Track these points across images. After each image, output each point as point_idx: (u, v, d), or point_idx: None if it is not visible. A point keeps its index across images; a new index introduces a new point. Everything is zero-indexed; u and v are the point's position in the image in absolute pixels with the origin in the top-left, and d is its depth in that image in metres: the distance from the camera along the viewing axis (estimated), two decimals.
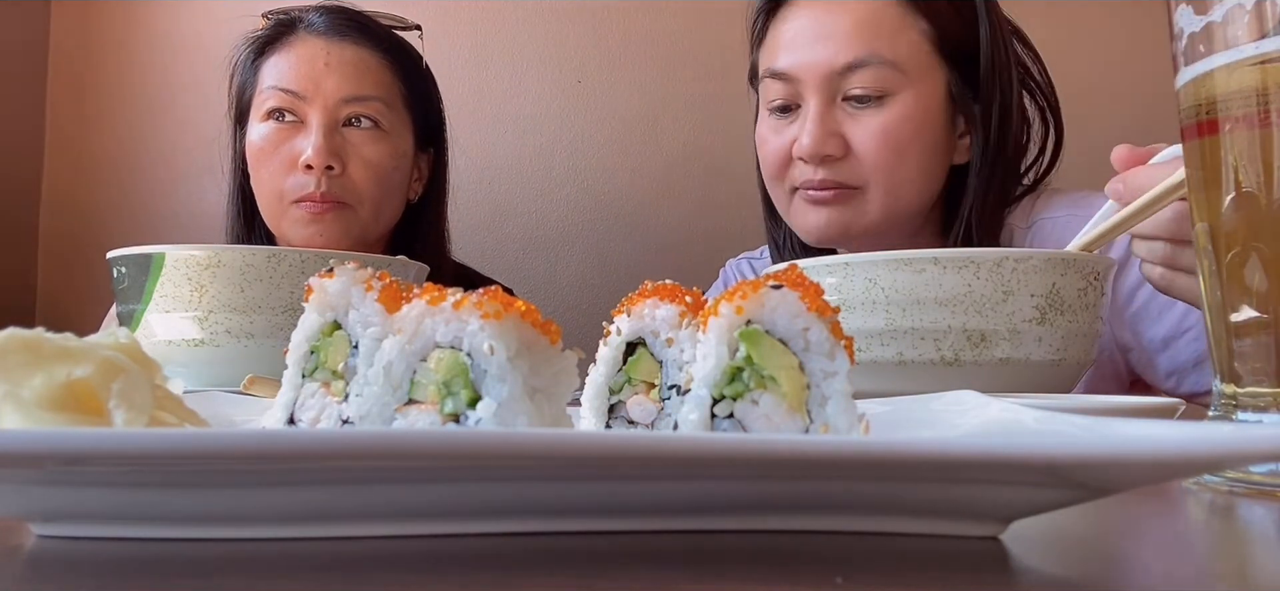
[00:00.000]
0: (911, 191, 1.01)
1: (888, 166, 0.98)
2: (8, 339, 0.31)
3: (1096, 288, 0.70)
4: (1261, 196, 0.38)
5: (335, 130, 1.17)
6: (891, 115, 0.97)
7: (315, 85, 1.16)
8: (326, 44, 1.18)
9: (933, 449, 0.25)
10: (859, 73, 0.96)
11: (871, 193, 0.99)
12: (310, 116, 1.16)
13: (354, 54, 1.19)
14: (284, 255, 0.77)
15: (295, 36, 1.20)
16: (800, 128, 0.99)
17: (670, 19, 1.85)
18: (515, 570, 0.25)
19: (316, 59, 1.17)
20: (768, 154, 1.05)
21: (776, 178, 1.05)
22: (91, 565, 0.26)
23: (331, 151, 1.15)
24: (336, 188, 1.16)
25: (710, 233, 1.81)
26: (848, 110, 0.98)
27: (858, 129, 0.98)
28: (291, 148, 1.16)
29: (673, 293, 0.41)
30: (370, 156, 1.18)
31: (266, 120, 1.18)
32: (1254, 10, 0.38)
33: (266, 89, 1.18)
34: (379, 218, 1.22)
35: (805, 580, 0.24)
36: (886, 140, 0.97)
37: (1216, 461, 0.30)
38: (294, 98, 1.16)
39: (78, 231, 1.92)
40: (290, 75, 1.17)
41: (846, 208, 1.00)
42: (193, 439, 0.24)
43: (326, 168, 1.14)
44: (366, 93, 1.19)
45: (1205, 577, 0.28)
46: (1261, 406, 0.39)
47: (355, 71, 1.18)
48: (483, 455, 0.24)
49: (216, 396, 0.50)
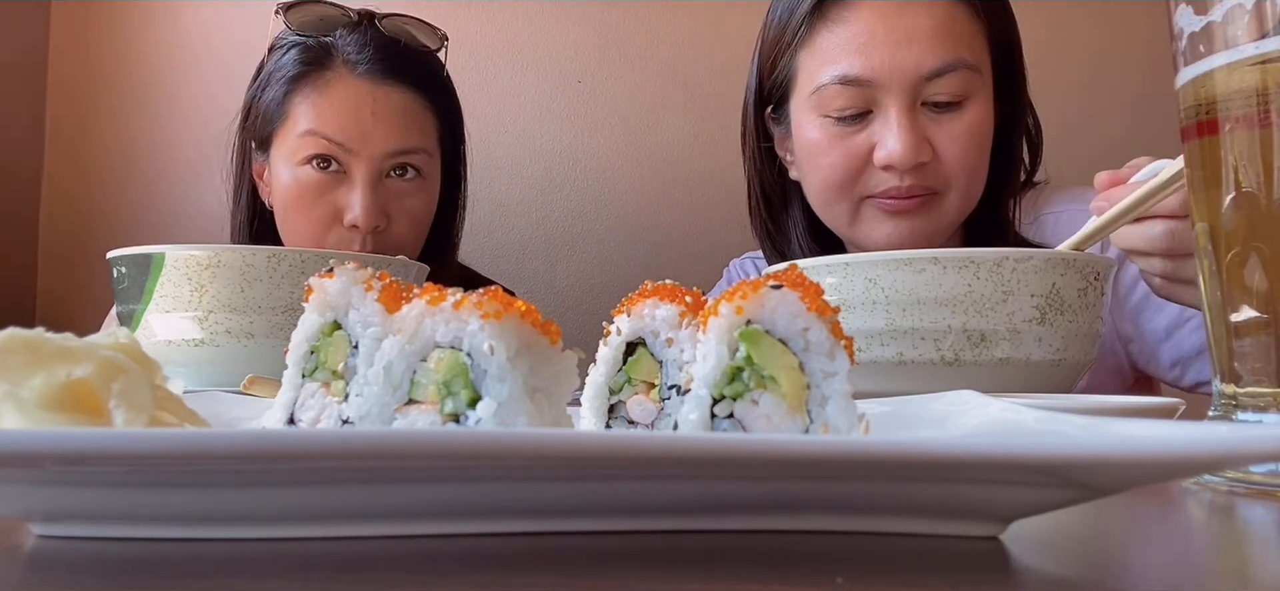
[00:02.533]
0: (979, 191, 1.00)
1: (970, 169, 0.97)
2: (8, 339, 0.31)
3: (1096, 288, 0.70)
4: (1261, 196, 0.38)
5: (380, 182, 1.12)
6: (972, 118, 0.96)
7: (362, 137, 1.09)
8: (372, 89, 1.11)
9: (933, 449, 0.25)
10: (946, 78, 0.94)
11: (950, 196, 0.97)
12: (355, 170, 1.10)
13: (400, 101, 1.13)
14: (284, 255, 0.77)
15: (334, 74, 1.12)
16: (883, 133, 0.94)
17: (670, 19, 1.85)
18: (515, 570, 0.25)
19: (362, 107, 1.10)
20: (831, 164, 0.98)
21: (842, 188, 0.99)
22: (91, 565, 0.26)
23: (379, 209, 1.10)
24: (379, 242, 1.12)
25: (710, 233, 1.81)
26: (929, 114, 0.95)
27: (941, 133, 0.95)
28: (333, 200, 1.10)
29: (673, 293, 0.41)
30: (413, 208, 1.15)
31: (304, 164, 1.10)
32: (1254, 10, 0.38)
33: (305, 132, 1.10)
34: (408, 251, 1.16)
35: (805, 580, 0.24)
36: (971, 143, 0.96)
37: (1216, 461, 0.30)
38: (339, 148, 1.09)
39: (78, 231, 1.92)
40: (334, 123, 1.09)
41: (928, 215, 0.98)
42: (193, 439, 0.24)
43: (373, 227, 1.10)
44: (412, 145, 1.13)
45: (1205, 577, 0.28)
46: (1261, 406, 0.39)
47: (402, 121, 1.12)
48: (483, 455, 0.24)
49: (216, 396, 0.50)
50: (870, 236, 1.00)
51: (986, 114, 0.97)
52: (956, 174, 0.96)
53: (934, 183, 0.96)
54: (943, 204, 0.98)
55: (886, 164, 0.95)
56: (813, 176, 1.02)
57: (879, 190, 0.97)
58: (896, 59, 0.93)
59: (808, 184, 1.04)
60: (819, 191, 1.02)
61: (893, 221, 0.98)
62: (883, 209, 0.98)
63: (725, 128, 1.83)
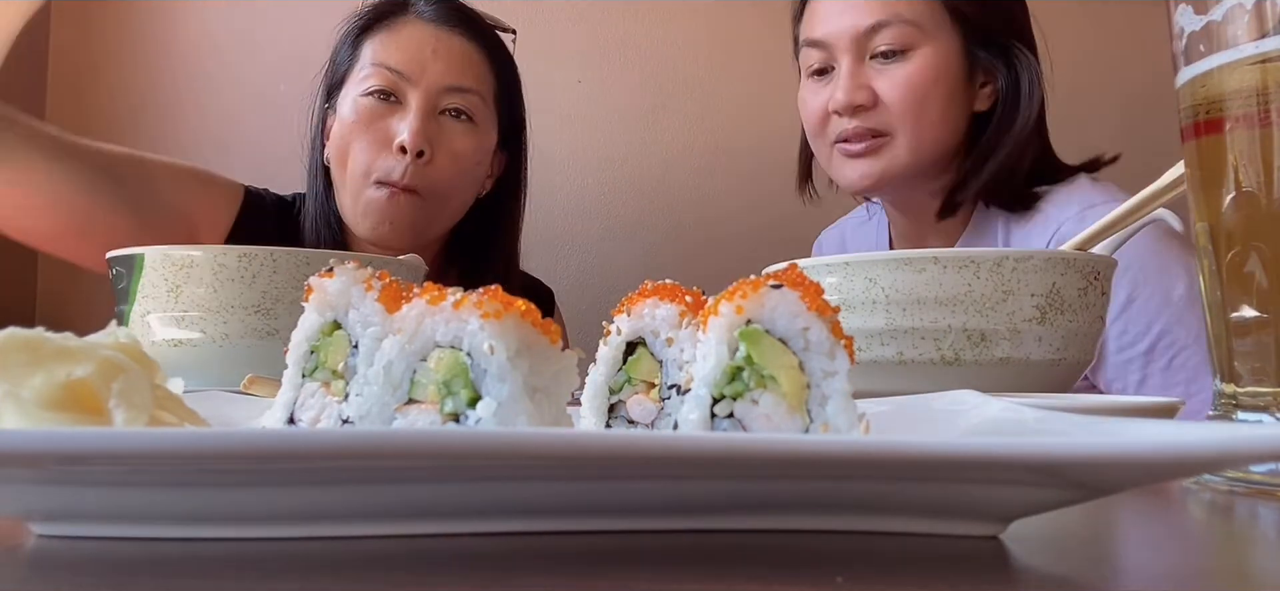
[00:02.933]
0: (934, 135, 1.13)
1: (913, 112, 1.11)
2: (8, 339, 0.31)
3: (1097, 287, 0.70)
4: (1261, 196, 0.38)
5: (433, 116, 1.19)
6: (913, 67, 1.11)
7: (421, 68, 1.18)
8: (435, 31, 1.21)
9: (933, 449, 0.25)
10: (883, 31, 1.11)
11: (899, 139, 1.12)
12: (411, 98, 1.18)
13: (460, 45, 1.22)
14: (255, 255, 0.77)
15: (404, 19, 1.22)
16: (835, 85, 1.13)
17: (670, 19, 1.85)
18: (515, 570, 0.25)
19: (425, 44, 1.20)
20: (808, 114, 1.19)
21: (817, 134, 1.19)
22: (91, 565, 0.26)
23: (427, 137, 1.17)
24: (420, 178, 1.17)
25: (709, 232, 1.81)
26: (875, 67, 1.12)
27: (884, 81, 1.11)
28: (386, 126, 1.17)
29: (672, 292, 0.41)
30: (460, 148, 1.21)
31: (366, 96, 1.19)
32: (1254, 10, 0.38)
33: (369, 65, 1.20)
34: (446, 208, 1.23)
35: (805, 580, 0.24)
36: (910, 89, 1.11)
37: (1216, 461, 0.30)
38: (398, 78, 1.18)
39: None
40: (397, 55, 1.19)
41: (878, 157, 1.13)
42: (193, 439, 0.24)
43: (418, 154, 1.16)
44: (467, 84, 1.21)
45: (1205, 577, 0.28)
46: (1261, 406, 0.39)
47: (460, 61, 1.21)
48: (483, 455, 0.24)
49: (216, 396, 0.50)
50: (840, 176, 1.19)
51: (932, 63, 1.11)
52: (898, 117, 1.12)
53: (878, 125, 1.12)
54: (892, 146, 1.13)
55: (833, 108, 1.14)
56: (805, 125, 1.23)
57: (836, 135, 1.15)
58: (841, 21, 1.13)
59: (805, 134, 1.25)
60: (808, 136, 1.23)
61: (851, 163, 1.15)
62: (843, 153, 1.16)
63: (725, 127, 1.83)
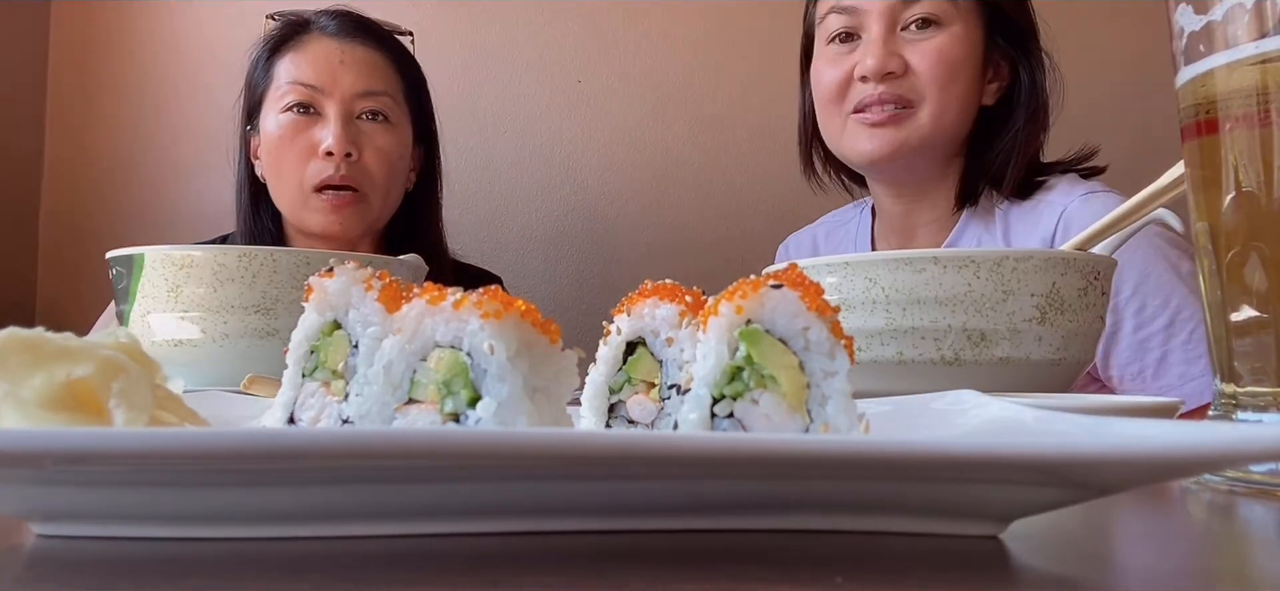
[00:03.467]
0: (954, 112, 1.14)
1: (941, 83, 1.12)
2: (8, 339, 0.31)
3: (1097, 287, 0.70)
4: (1261, 196, 0.38)
5: (351, 121, 1.29)
6: (945, 39, 1.12)
7: (333, 80, 1.28)
8: (340, 44, 1.31)
9: (933, 449, 0.25)
10: (919, 3, 1.12)
11: (923, 110, 1.12)
12: (328, 108, 1.28)
13: (365, 54, 1.32)
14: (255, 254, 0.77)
15: (309, 37, 1.32)
16: (863, 52, 1.13)
17: (670, 19, 1.85)
18: (515, 570, 0.25)
19: (332, 57, 1.30)
20: (826, 82, 1.17)
21: (833, 103, 1.17)
22: (91, 565, 0.26)
23: (350, 139, 1.27)
24: (354, 173, 1.27)
25: (709, 232, 1.81)
26: (905, 37, 1.12)
27: (915, 52, 1.12)
28: (310, 137, 1.27)
29: (672, 292, 0.41)
30: (382, 145, 1.31)
31: (285, 113, 1.28)
32: (1254, 10, 0.38)
33: (285, 84, 1.29)
34: (386, 204, 1.34)
35: (805, 580, 0.24)
36: (941, 59, 1.11)
37: (1216, 461, 0.30)
38: (312, 91, 1.28)
39: (78, 231, 1.92)
40: (309, 71, 1.29)
41: (900, 127, 1.13)
42: (193, 439, 0.24)
43: (346, 154, 1.26)
44: (377, 88, 1.31)
45: (1205, 577, 0.28)
46: (1261, 406, 0.39)
47: (367, 69, 1.31)
48: (483, 455, 0.24)
49: (216, 396, 0.50)
50: (854, 147, 1.17)
51: (960, 41, 1.12)
52: (928, 86, 1.12)
53: (906, 93, 1.12)
54: (915, 117, 1.13)
55: (862, 74, 1.12)
56: (817, 97, 1.21)
57: (859, 102, 1.14)
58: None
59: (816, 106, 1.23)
60: (821, 108, 1.21)
61: (870, 134, 1.14)
62: (862, 123, 1.14)
63: (725, 127, 1.83)
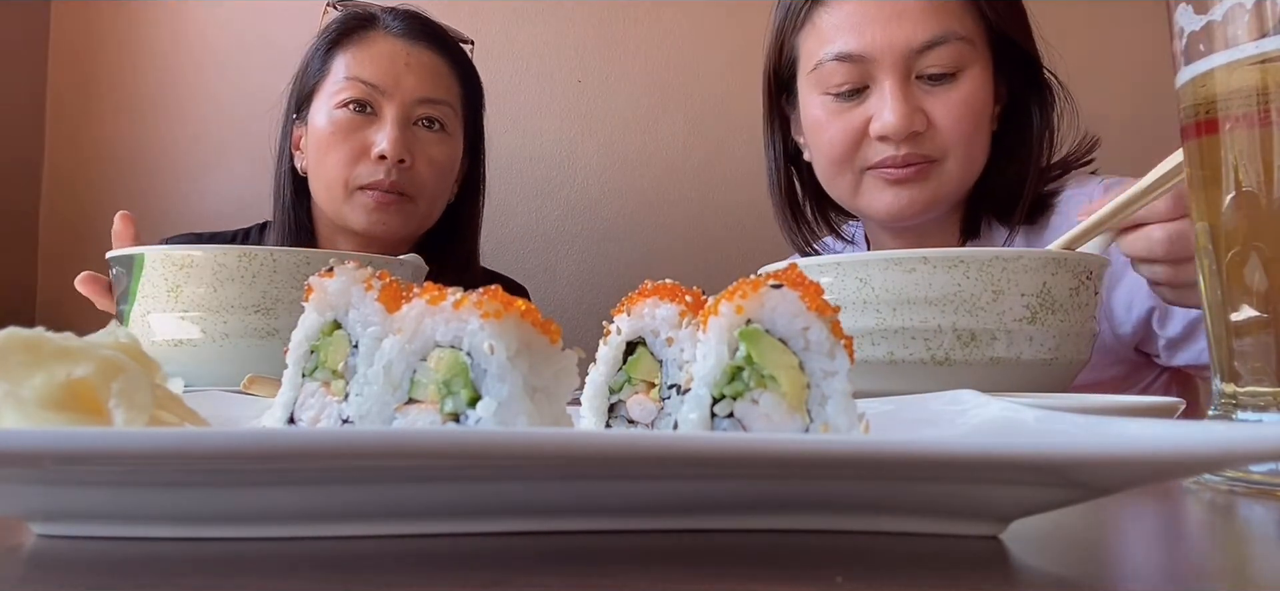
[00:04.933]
0: (980, 161, 1.04)
1: (967, 137, 1.00)
2: (8, 339, 0.31)
3: (1089, 287, 0.70)
4: (1261, 196, 0.38)
5: (408, 126, 1.24)
6: (967, 89, 1.00)
7: (395, 81, 1.23)
8: (407, 46, 1.25)
9: (933, 449, 0.25)
10: (937, 50, 0.98)
11: (949, 164, 1.01)
12: (386, 110, 1.22)
13: (430, 59, 1.27)
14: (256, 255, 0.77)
15: (375, 33, 1.26)
16: (878, 106, 0.99)
17: (670, 19, 1.85)
18: (515, 570, 0.25)
19: (397, 58, 1.24)
20: (831, 139, 1.04)
21: (843, 162, 1.04)
22: (91, 565, 0.26)
23: (405, 146, 1.22)
24: (405, 180, 1.23)
25: (709, 232, 1.81)
26: (924, 87, 1.00)
27: (937, 104, 0.99)
28: (363, 137, 1.22)
29: (673, 292, 0.41)
30: (436, 156, 1.26)
31: (341, 108, 1.23)
32: (1254, 10, 0.38)
33: (343, 78, 1.23)
34: (431, 214, 1.30)
35: (805, 580, 0.24)
36: (967, 112, 1.00)
37: (1216, 461, 0.29)
38: (372, 90, 1.22)
39: (78, 231, 1.92)
40: (371, 69, 1.23)
41: (926, 183, 1.01)
42: (193, 439, 0.24)
43: (399, 160, 1.21)
44: (439, 96, 1.27)
45: (1205, 577, 0.28)
46: (1261, 406, 0.39)
47: (431, 74, 1.26)
48: (483, 455, 0.24)
49: (216, 396, 0.50)
50: (872, 205, 1.04)
51: (982, 86, 1.01)
52: (953, 143, 1.00)
53: (930, 152, 1.00)
54: (941, 172, 1.01)
55: (882, 134, 0.99)
56: (817, 152, 1.08)
57: (876, 160, 1.01)
58: (888, 34, 0.98)
59: (815, 160, 1.10)
60: (824, 165, 1.07)
61: (892, 191, 1.02)
62: (882, 178, 1.02)
63: (725, 128, 1.83)
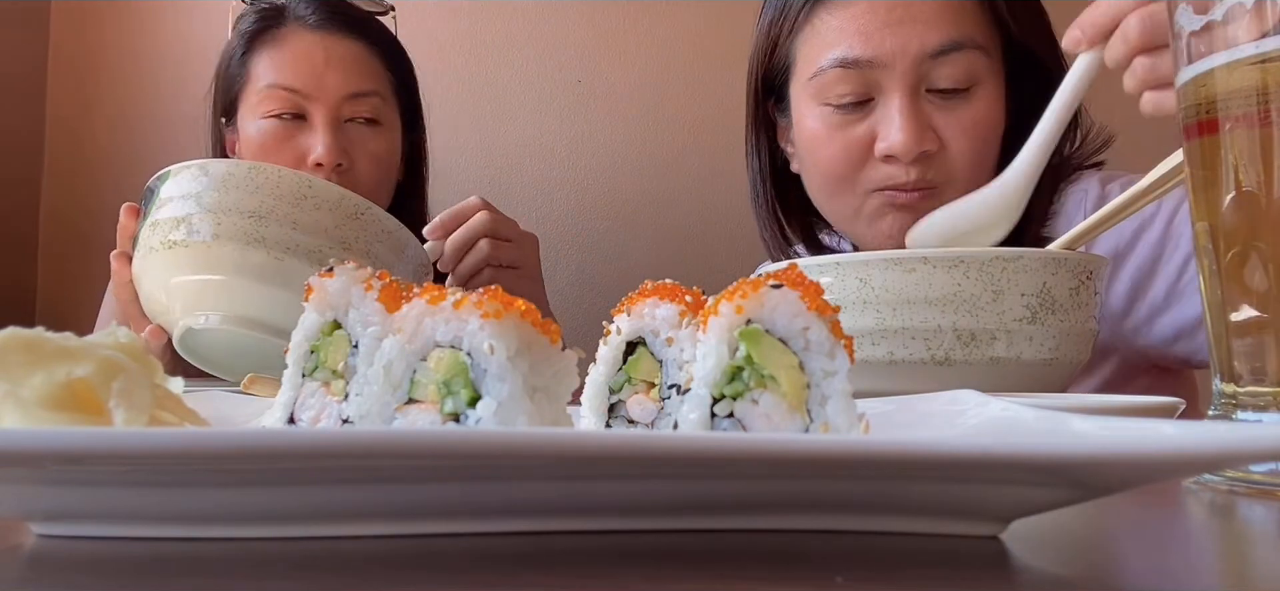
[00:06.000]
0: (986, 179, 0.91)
1: (978, 162, 0.90)
2: (8, 338, 0.31)
3: (1089, 286, 0.69)
4: (1261, 196, 0.38)
5: (339, 127, 1.18)
6: (980, 107, 0.90)
7: (317, 83, 1.16)
8: (323, 40, 1.18)
9: (933, 449, 0.25)
10: (951, 58, 0.88)
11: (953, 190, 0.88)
12: (314, 114, 1.16)
13: (350, 48, 1.20)
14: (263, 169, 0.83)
15: (287, 29, 1.19)
16: (885, 123, 0.89)
17: (670, 18, 1.85)
18: (515, 570, 0.25)
19: (316, 56, 1.17)
20: (830, 157, 0.93)
21: (844, 181, 0.93)
22: (91, 565, 0.26)
23: (340, 149, 1.16)
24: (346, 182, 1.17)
25: (710, 232, 1.81)
26: (933, 103, 0.89)
27: (948, 124, 0.89)
28: (297, 146, 1.16)
29: (673, 292, 0.41)
30: (375, 149, 1.20)
31: (268, 118, 1.17)
32: (1254, 9, 0.38)
33: (264, 86, 1.17)
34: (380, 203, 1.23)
35: (805, 580, 0.24)
36: (979, 134, 0.90)
37: (1216, 461, 0.30)
38: (296, 96, 1.16)
39: (78, 231, 1.92)
40: (291, 72, 1.16)
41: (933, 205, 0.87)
42: (193, 439, 0.24)
43: (336, 165, 1.15)
44: (366, 88, 1.20)
45: (1205, 577, 0.28)
46: (1261, 406, 0.39)
47: (354, 67, 1.19)
48: (483, 455, 0.24)
49: (217, 396, 0.50)
50: (873, 231, 0.95)
51: (995, 105, 0.91)
52: (964, 168, 0.90)
53: (938, 177, 0.90)
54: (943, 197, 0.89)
55: (888, 154, 0.89)
56: (813, 169, 0.98)
57: (883, 183, 0.91)
58: (898, 38, 0.88)
59: (808, 177, 1.00)
60: (820, 184, 0.98)
61: (895, 216, 0.92)
62: (886, 202, 0.92)
63: (725, 127, 1.83)
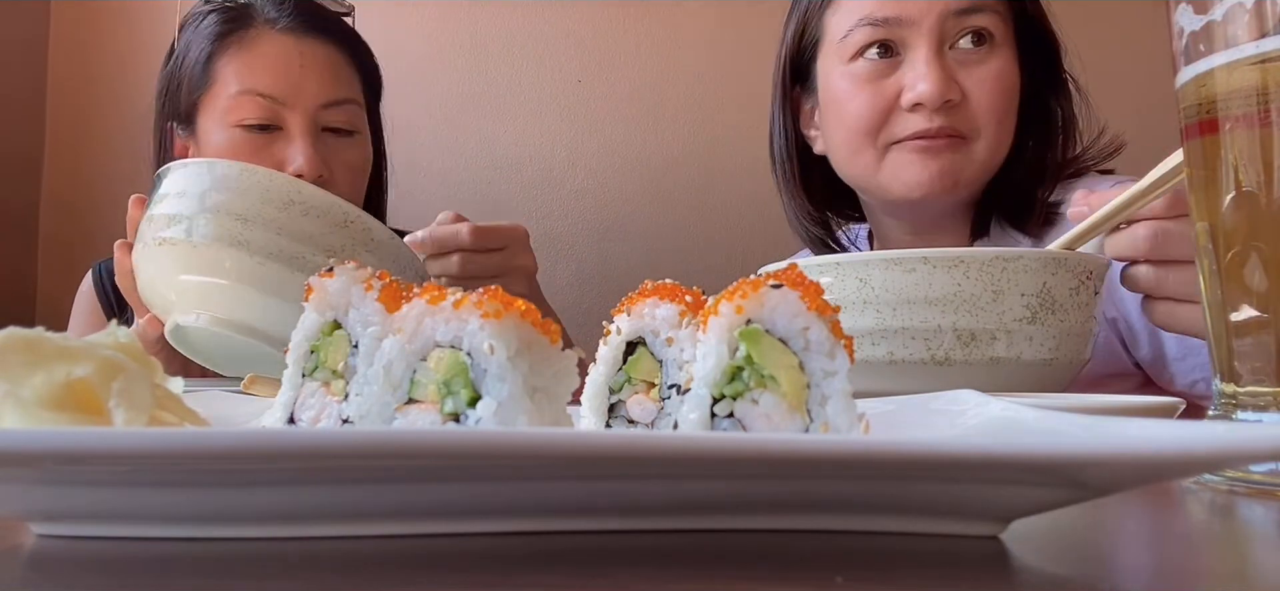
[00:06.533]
0: (1005, 147, 1.00)
1: (1000, 114, 0.97)
2: (8, 338, 0.31)
3: (1089, 287, 0.69)
4: (1261, 196, 0.38)
5: (317, 136, 1.11)
6: (1001, 63, 0.97)
7: (294, 89, 1.10)
8: (298, 43, 1.11)
9: (933, 449, 0.25)
10: (973, 17, 0.95)
11: (978, 143, 0.97)
12: (290, 122, 1.09)
13: (325, 53, 1.13)
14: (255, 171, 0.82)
15: (257, 29, 1.12)
16: (912, 75, 0.95)
17: (670, 19, 1.85)
18: (515, 570, 0.25)
19: (291, 60, 1.10)
20: (857, 111, 0.99)
21: (868, 134, 0.99)
22: (91, 565, 0.26)
23: (320, 160, 1.10)
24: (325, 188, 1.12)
25: (709, 233, 1.81)
26: (956, 57, 0.96)
27: (970, 76, 0.96)
28: (272, 155, 1.08)
29: (672, 292, 0.41)
30: (351, 160, 1.15)
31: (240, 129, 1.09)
32: (1254, 9, 0.38)
33: (237, 92, 1.09)
34: None
35: (805, 580, 0.24)
36: (999, 87, 0.96)
37: (1216, 461, 0.30)
38: (272, 104, 1.09)
39: (78, 232, 1.92)
40: (265, 78, 1.09)
41: (955, 155, 0.97)
42: (193, 439, 0.24)
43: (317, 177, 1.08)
44: (343, 96, 1.14)
45: (1205, 577, 0.28)
46: (1261, 406, 0.39)
47: (330, 73, 1.13)
48: (483, 455, 0.24)
49: (217, 396, 0.50)
50: (896, 180, 0.99)
51: (1012, 62, 0.98)
52: (985, 119, 0.96)
53: (962, 126, 0.96)
54: (970, 149, 0.97)
55: (915, 102, 0.95)
56: (837, 127, 1.03)
57: (906, 133, 0.97)
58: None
59: (832, 141, 1.05)
60: (845, 140, 1.02)
61: (921, 161, 0.97)
62: (910, 149, 0.97)
63: (725, 127, 1.83)
